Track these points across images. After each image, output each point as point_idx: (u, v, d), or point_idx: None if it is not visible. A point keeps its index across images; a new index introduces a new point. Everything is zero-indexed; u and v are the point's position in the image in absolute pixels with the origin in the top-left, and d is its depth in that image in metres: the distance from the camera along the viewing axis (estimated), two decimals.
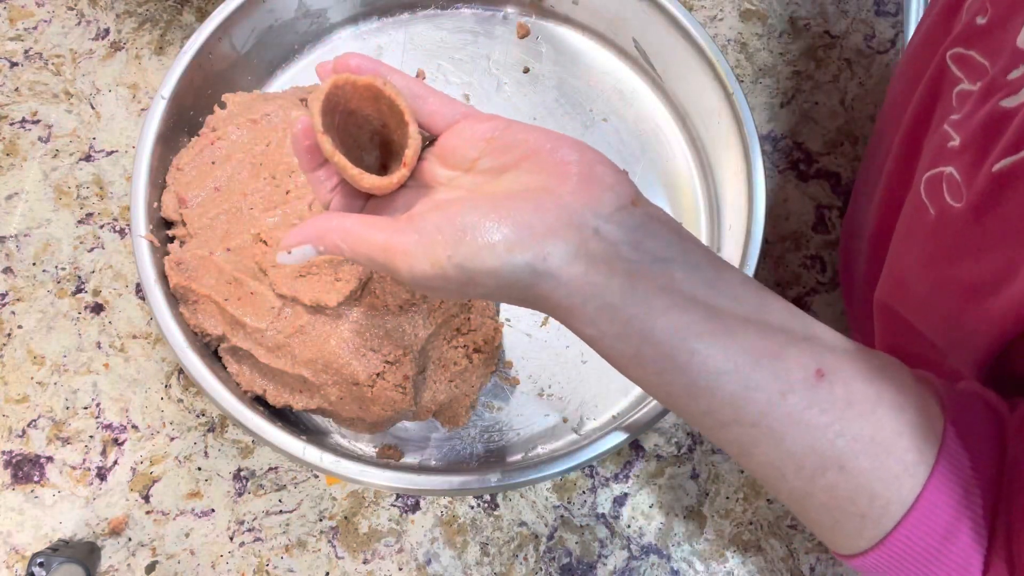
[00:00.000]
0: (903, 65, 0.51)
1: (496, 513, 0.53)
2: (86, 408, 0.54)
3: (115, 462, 0.53)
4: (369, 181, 0.34)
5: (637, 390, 0.54)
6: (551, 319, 0.55)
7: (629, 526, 0.53)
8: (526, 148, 0.34)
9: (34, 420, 0.54)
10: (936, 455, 0.31)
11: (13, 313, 0.56)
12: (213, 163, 0.50)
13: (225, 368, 0.49)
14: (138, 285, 0.57)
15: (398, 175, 0.35)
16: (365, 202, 0.37)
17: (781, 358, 0.32)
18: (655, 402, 0.48)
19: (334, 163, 0.34)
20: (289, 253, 0.34)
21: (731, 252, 0.52)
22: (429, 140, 0.37)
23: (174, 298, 0.49)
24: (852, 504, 0.32)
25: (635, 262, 0.32)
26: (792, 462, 0.32)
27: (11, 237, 0.57)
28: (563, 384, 0.54)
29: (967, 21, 0.40)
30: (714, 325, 0.32)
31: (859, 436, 0.31)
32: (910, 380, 0.33)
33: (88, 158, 0.59)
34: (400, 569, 0.52)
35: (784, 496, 0.34)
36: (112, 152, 0.60)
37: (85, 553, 0.50)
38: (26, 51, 0.62)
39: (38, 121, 0.60)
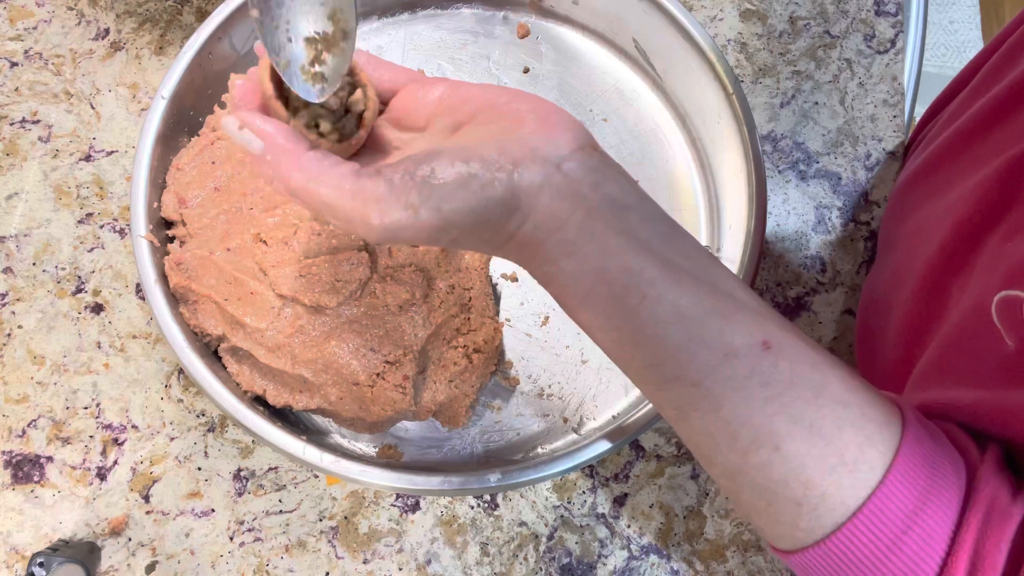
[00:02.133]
0: (933, 142, 0.48)
1: (496, 513, 0.53)
2: (86, 408, 0.54)
3: (115, 462, 0.53)
4: (327, 145, 0.33)
5: (637, 390, 0.54)
6: (551, 319, 0.55)
7: (629, 526, 0.53)
8: (480, 102, 0.34)
9: (34, 420, 0.54)
10: (889, 461, 0.31)
11: (13, 313, 0.56)
12: (213, 163, 0.50)
13: (225, 368, 0.49)
14: (138, 285, 0.57)
15: (356, 137, 0.34)
16: None
17: (729, 319, 0.32)
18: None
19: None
20: (240, 128, 0.33)
21: (731, 252, 0.52)
22: (379, 108, 0.36)
23: (174, 298, 0.49)
24: (785, 488, 0.31)
25: (595, 202, 0.32)
26: (727, 432, 0.32)
27: (11, 237, 0.57)
28: (563, 384, 0.54)
29: None
30: (666, 273, 0.32)
31: (798, 419, 0.31)
32: (861, 383, 0.33)
33: (88, 158, 0.59)
34: (400, 569, 0.52)
35: (718, 472, 0.34)
36: (112, 152, 0.60)
37: (85, 553, 0.50)
38: (26, 51, 0.62)
39: (38, 121, 0.60)
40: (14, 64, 0.61)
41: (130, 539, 0.52)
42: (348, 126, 0.35)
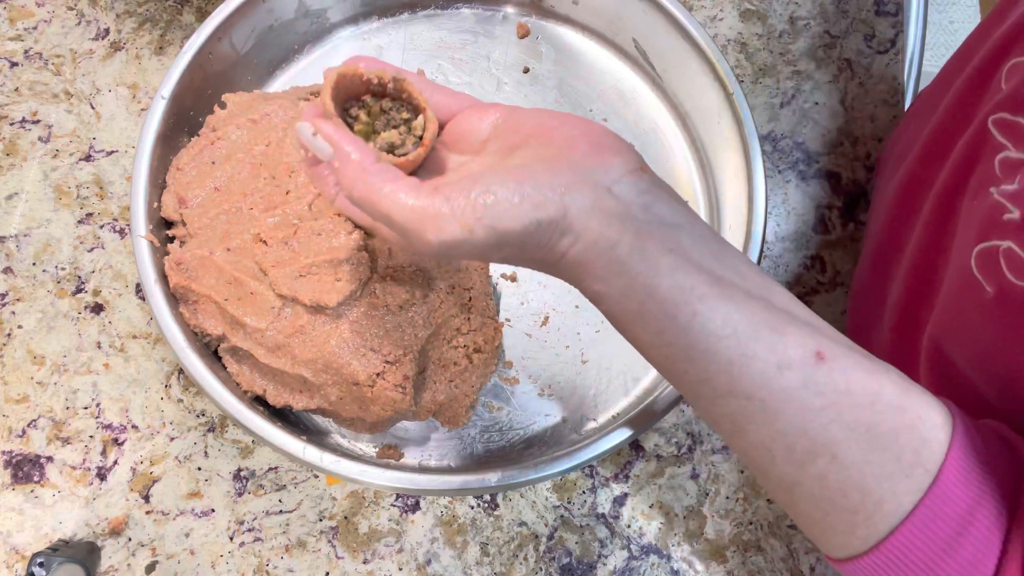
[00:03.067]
0: (914, 127, 0.49)
1: (496, 513, 0.53)
2: (86, 408, 0.54)
3: (115, 462, 0.53)
4: (388, 161, 0.34)
5: (637, 390, 0.54)
6: (551, 319, 0.55)
7: (629, 526, 0.53)
8: (533, 126, 0.35)
9: (34, 420, 0.54)
10: (941, 462, 0.31)
11: (13, 313, 0.56)
12: (213, 163, 0.50)
13: (225, 368, 0.49)
14: (138, 285, 0.57)
15: (415, 154, 0.35)
16: None
17: (782, 333, 0.32)
18: (655, 403, 0.48)
19: None
20: (313, 134, 0.34)
21: None
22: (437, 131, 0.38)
23: (174, 298, 0.49)
24: (843, 497, 0.32)
25: (645, 223, 0.33)
26: (783, 443, 0.32)
27: (11, 237, 0.57)
28: (563, 384, 0.54)
29: (1015, 86, 0.38)
30: (717, 290, 0.32)
31: (854, 426, 0.31)
32: (915, 387, 0.33)
33: (88, 158, 0.59)
34: (400, 569, 0.52)
35: (774, 485, 0.34)
36: (112, 152, 0.60)
37: (85, 553, 0.50)
38: (26, 51, 0.62)
39: (38, 121, 0.60)
40: (14, 64, 0.61)
41: (130, 539, 0.52)
42: (408, 148, 0.36)
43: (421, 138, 0.36)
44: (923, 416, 0.32)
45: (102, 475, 0.53)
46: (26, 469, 0.53)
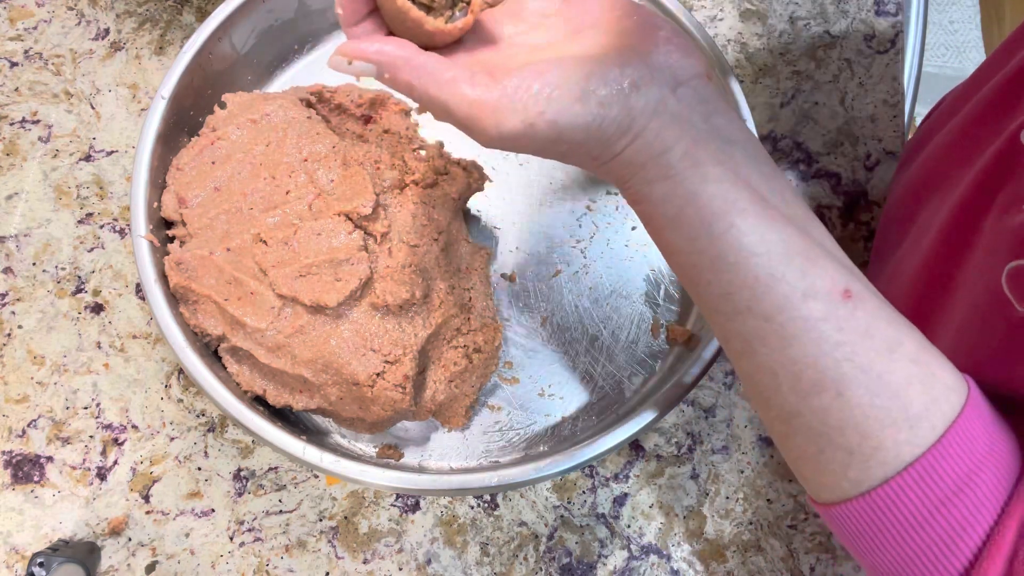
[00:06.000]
0: (929, 135, 0.47)
1: (496, 513, 0.53)
2: (86, 408, 0.54)
3: (115, 462, 0.53)
4: (433, 24, 0.32)
5: (637, 390, 0.54)
6: (551, 319, 0.55)
7: (629, 526, 0.53)
8: (604, 9, 0.34)
9: (34, 420, 0.54)
10: (949, 423, 0.30)
11: (13, 313, 0.56)
12: (213, 163, 0.50)
13: (225, 368, 0.49)
14: (138, 285, 0.57)
15: (463, 21, 0.33)
16: None
17: (814, 263, 0.32)
18: (655, 403, 0.48)
19: (394, 3, 0.31)
20: (349, 63, 0.32)
21: None
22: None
23: (174, 298, 0.49)
24: (841, 435, 0.31)
25: (703, 131, 0.32)
26: (791, 371, 0.32)
27: (11, 237, 0.57)
28: (563, 384, 0.54)
29: None
30: (759, 208, 0.32)
31: (867, 368, 0.31)
32: (934, 349, 0.32)
33: (88, 158, 0.59)
34: (400, 569, 0.52)
35: (774, 414, 0.34)
36: (112, 152, 0.60)
37: (85, 553, 0.50)
38: (26, 51, 0.62)
39: (38, 121, 0.60)
40: (14, 64, 0.61)
41: (130, 539, 0.52)
42: (456, 15, 0.33)
43: (468, 2, 0.33)
44: (938, 375, 0.31)
45: (102, 475, 0.53)
46: (26, 469, 0.53)
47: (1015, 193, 0.38)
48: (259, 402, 0.49)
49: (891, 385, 0.31)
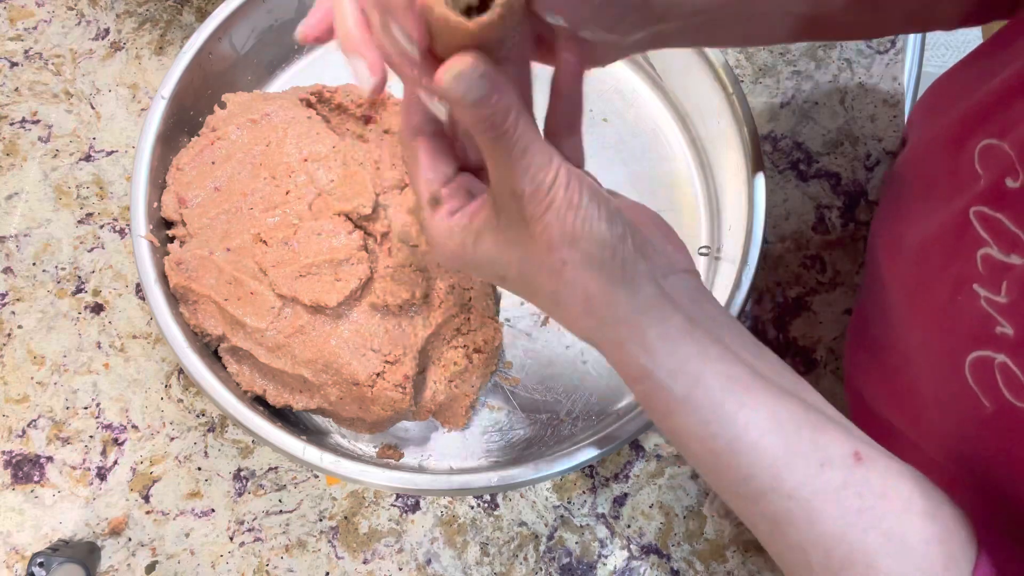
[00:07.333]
0: (902, 182, 0.48)
1: (496, 513, 0.53)
2: (86, 408, 0.54)
3: (115, 462, 0.53)
4: (456, 20, 0.28)
5: None
6: (551, 319, 0.55)
7: (629, 526, 0.53)
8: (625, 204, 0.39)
9: (34, 420, 0.54)
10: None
11: (13, 313, 0.56)
12: (213, 163, 0.50)
13: (225, 368, 0.49)
14: (138, 285, 0.57)
15: (488, 15, 0.28)
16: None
17: (823, 431, 0.32)
18: None
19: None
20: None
21: (731, 252, 0.52)
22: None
23: (174, 298, 0.49)
24: None
25: (694, 314, 0.34)
26: (821, 548, 0.32)
27: (11, 237, 0.57)
28: (563, 384, 0.54)
29: (993, 180, 0.36)
30: (761, 384, 0.33)
31: (890, 534, 0.31)
32: (942, 496, 0.33)
33: (88, 158, 0.59)
34: (400, 569, 0.52)
35: None
36: (112, 152, 0.60)
37: (85, 553, 0.50)
38: (26, 51, 0.62)
39: (38, 121, 0.60)
40: (14, 64, 0.61)
41: (130, 539, 0.52)
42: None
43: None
44: (951, 529, 0.32)
45: (102, 475, 0.53)
46: (26, 469, 0.53)
47: (964, 269, 0.37)
48: (259, 402, 0.49)
49: (915, 549, 0.31)
